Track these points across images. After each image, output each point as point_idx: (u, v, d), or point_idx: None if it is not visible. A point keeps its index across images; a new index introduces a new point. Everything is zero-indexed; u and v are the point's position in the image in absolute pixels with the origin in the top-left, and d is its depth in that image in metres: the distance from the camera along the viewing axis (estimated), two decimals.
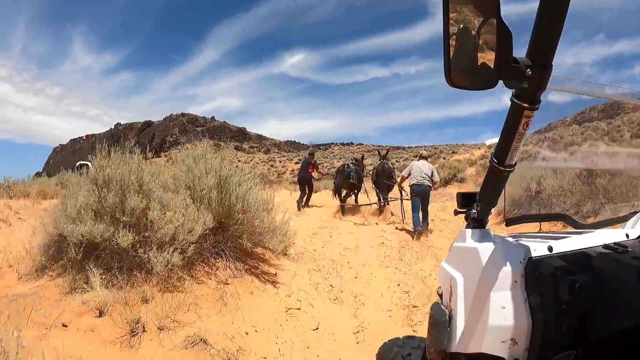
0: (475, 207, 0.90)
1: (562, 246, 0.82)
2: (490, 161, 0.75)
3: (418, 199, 6.26)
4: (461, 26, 0.61)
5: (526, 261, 0.77)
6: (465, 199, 0.99)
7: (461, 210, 1.00)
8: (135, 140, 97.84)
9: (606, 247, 0.82)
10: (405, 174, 6.54)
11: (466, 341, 0.81)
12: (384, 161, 7.91)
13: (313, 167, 8.55)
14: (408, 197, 6.80)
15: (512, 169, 0.74)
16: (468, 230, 0.91)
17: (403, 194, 7.49)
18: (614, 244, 0.82)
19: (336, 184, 8.09)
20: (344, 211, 7.85)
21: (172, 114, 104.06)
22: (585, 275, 0.75)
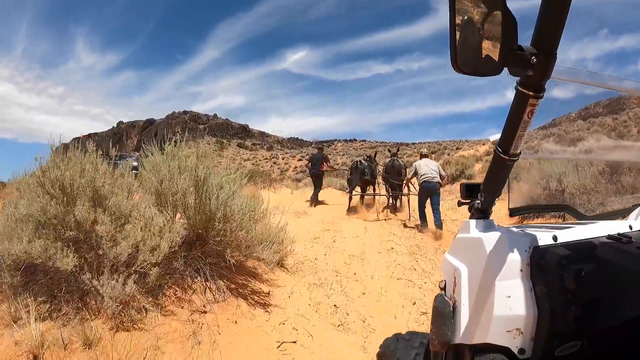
0: (479, 198, 0.89)
1: (566, 236, 0.81)
2: (495, 150, 0.74)
3: (426, 197, 6.12)
4: (467, 13, 0.61)
5: (532, 250, 0.75)
6: (469, 190, 0.98)
7: (465, 201, 0.98)
8: (138, 138, 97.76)
9: (610, 237, 0.82)
10: (410, 175, 6.41)
11: (471, 332, 0.80)
12: (394, 158, 7.83)
13: (325, 161, 8.53)
14: (416, 193, 6.68)
15: (517, 158, 0.73)
16: (472, 221, 0.90)
17: (410, 190, 7.38)
18: (618, 234, 0.82)
19: (354, 181, 8.06)
20: (362, 201, 7.98)
21: (174, 112, 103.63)
22: (590, 265, 0.74)
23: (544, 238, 0.78)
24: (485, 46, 0.60)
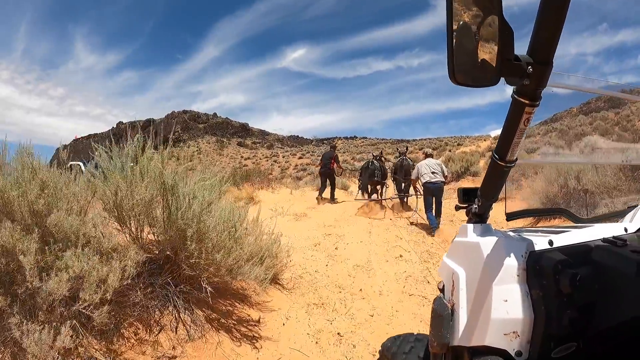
0: (477, 202, 0.89)
1: (562, 240, 0.82)
2: (492, 157, 0.74)
3: (431, 197, 6.04)
4: (463, 24, 0.61)
5: (528, 255, 0.76)
6: (466, 195, 0.96)
7: (462, 205, 0.96)
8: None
9: (605, 240, 0.82)
10: (414, 176, 6.36)
11: (469, 334, 0.80)
12: (403, 157, 7.73)
13: (335, 161, 8.43)
14: (422, 193, 6.72)
15: (513, 164, 0.73)
16: (470, 225, 0.90)
17: (417, 191, 7.43)
18: (613, 237, 0.82)
19: (363, 182, 8.00)
20: (376, 201, 7.90)
21: (173, 112, 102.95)
22: (586, 269, 0.74)
23: (540, 242, 0.79)
24: (481, 57, 0.60)
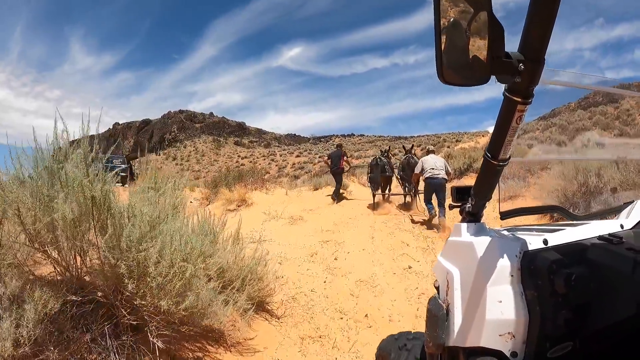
0: (470, 201, 0.88)
1: (557, 239, 0.81)
2: (484, 156, 0.73)
3: (431, 191, 6.02)
4: (452, 22, 0.60)
5: (522, 255, 0.75)
6: (460, 193, 0.95)
7: (456, 204, 0.95)
8: (134, 139, 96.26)
9: (601, 238, 0.81)
10: (418, 170, 6.28)
11: (464, 335, 0.79)
12: (409, 155, 7.64)
13: (344, 157, 8.65)
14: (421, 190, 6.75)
15: (506, 163, 0.72)
16: (463, 225, 0.89)
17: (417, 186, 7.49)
18: (609, 235, 0.81)
19: (372, 178, 8.04)
20: (384, 199, 7.97)
21: (170, 112, 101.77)
22: (581, 268, 0.73)
23: (534, 242, 0.78)
24: (471, 55, 0.59)
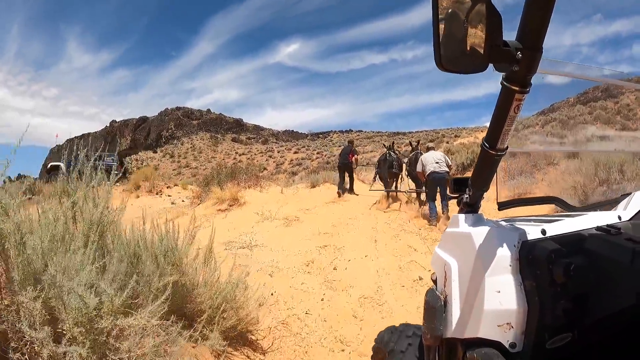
0: (468, 192, 0.89)
1: (555, 229, 0.82)
2: (482, 146, 0.73)
3: (435, 185, 6.21)
4: (450, 10, 0.60)
5: (520, 245, 0.76)
6: (457, 184, 0.96)
7: (454, 195, 0.97)
8: (131, 137, 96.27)
9: (599, 229, 0.81)
10: (420, 168, 6.48)
11: (462, 326, 0.79)
12: (417, 152, 7.80)
13: (353, 155, 8.93)
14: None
15: (504, 153, 0.72)
16: (461, 215, 0.89)
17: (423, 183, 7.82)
18: (607, 225, 0.81)
19: (380, 173, 8.23)
20: (389, 196, 8.12)
21: (167, 109, 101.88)
22: (579, 258, 0.74)
23: (532, 232, 0.78)
24: (469, 43, 0.60)
